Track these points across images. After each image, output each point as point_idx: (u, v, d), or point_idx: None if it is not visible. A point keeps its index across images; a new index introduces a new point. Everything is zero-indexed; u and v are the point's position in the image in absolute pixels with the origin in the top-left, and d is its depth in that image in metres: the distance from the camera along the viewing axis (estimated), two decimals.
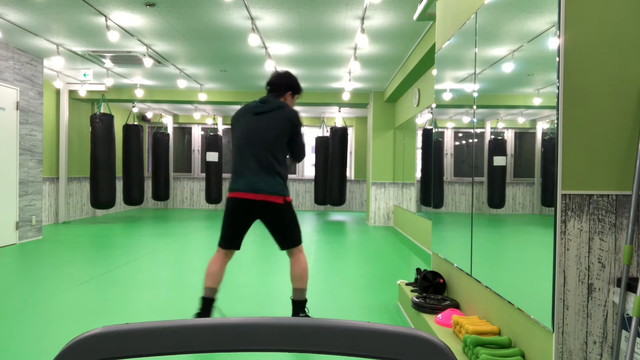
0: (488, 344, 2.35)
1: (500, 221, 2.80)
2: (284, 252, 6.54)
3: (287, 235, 3.20)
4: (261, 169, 3.11)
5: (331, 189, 11.33)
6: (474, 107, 2.96)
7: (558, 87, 1.91)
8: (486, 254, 2.75)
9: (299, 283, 3.22)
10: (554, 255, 1.93)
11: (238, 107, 11.72)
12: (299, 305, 3.25)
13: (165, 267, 5.39)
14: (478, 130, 2.99)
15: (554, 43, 1.96)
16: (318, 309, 3.83)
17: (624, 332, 1.86)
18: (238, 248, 3.22)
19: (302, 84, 9.50)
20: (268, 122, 3.18)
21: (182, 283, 4.67)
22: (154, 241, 7.31)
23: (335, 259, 6.06)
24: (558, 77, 1.91)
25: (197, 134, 13.63)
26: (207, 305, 3.13)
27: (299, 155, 3.30)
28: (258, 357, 2.70)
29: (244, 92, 10.40)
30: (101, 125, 9.33)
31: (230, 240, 3.20)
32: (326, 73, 8.43)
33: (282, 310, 3.81)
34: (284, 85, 3.34)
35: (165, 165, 12.41)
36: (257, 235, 8.38)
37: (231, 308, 3.86)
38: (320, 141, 11.77)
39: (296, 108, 11.91)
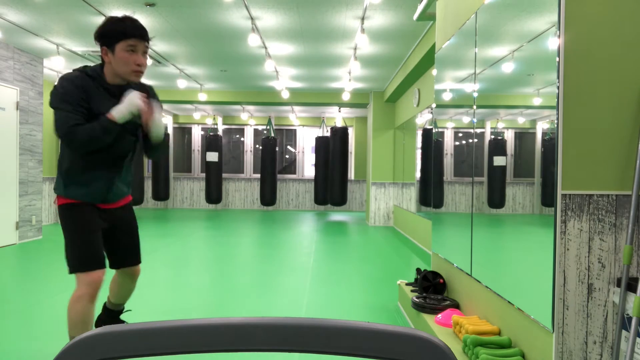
0: (488, 344, 2.35)
1: (500, 221, 2.80)
2: (283, 251, 6.56)
3: (65, 251, 2.24)
4: None
5: (332, 188, 11.33)
6: (474, 107, 2.96)
7: (558, 87, 1.91)
8: (486, 254, 2.75)
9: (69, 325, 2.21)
10: (554, 255, 1.93)
11: (238, 107, 11.73)
12: None
13: (165, 267, 5.39)
14: (478, 130, 2.99)
15: (554, 43, 1.96)
16: (318, 309, 3.83)
17: (624, 332, 1.86)
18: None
19: (302, 84, 9.50)
20: None
21: (182, 283, 4.67)
22: (153, 241, 7.31)
23: (335, 259, 6.06)
24: (558, 77, 1.91)
25: (197, 134, 13.62)
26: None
27: (59, 134, 2.11)
28: (258, 357, 2.70)
29: (244, 92, 10.40)
30: None
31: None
32: (326, 73, 8.43)
33: (282, 310, 3.81)
34: (95, 41, 2.24)
35: (165, 165, 12.41)
36: (257, 236, 8.39)
37: (231, 308, 3.86)
38: (320, 141, 11.77)
39: (296, 108, 11.92)
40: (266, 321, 0.50)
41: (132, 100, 2.15)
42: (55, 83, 2.17)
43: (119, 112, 2.13)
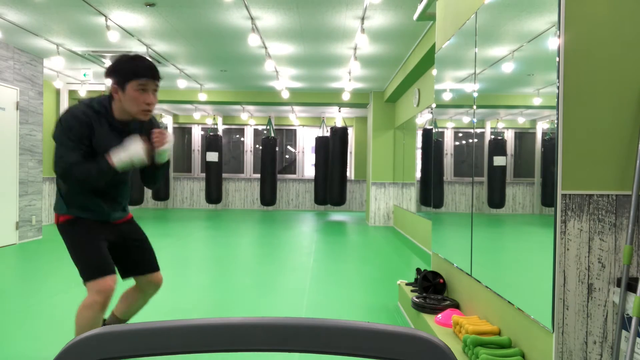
0: (488, 344, 2.35)
1: (500, 221, 2.80)
2: (283, 251, 6.55)
3: (75, 265, 2.26)
4: None
5: (332, 189, 11.33)
6: (474, 107, 2.96)
7: (558, 87, 1.91)
8: (486, 254, 2.75)
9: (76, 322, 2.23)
10: (554, 255, 1.93)
11: (238, 107, 11.73)
12: None
13: (165, 267, 5.38)
14: (478, 130, 2.99)
15: (554, 43, 1.96)
16: (318, 309, 3.83)
17: (624, 332, 1.86)
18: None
19: (302, 84, 9.50)
20: None
21: (182, 283, 4.67)
22: (153, 241, 7.28)
23: (335, 259, 6.06)
24: (558, 77, 1.91)
25: (197, 134, 13.62)
26: None
27: (56, 170, 2.14)
28: (258, 357, 2.70)
29: (244, 92, 10.40)
30: None
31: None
32: (326, 73, 8.43)
33: (282, 310, 3.81)
34: (106, 77, 2.25)
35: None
36: (257, 236, 8.39)
37: (231, 308, 3.86)
38: (320, 141, 11.77)
39: (296, 108, 11.92)
40: (266, 321, 0.50)
41: (135, 150, 2.14)
42: (61, 115, 2.18)
43: (119, 159, 2.12)
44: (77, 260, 2.23)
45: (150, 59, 2.21)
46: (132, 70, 2.14)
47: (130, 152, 2.13)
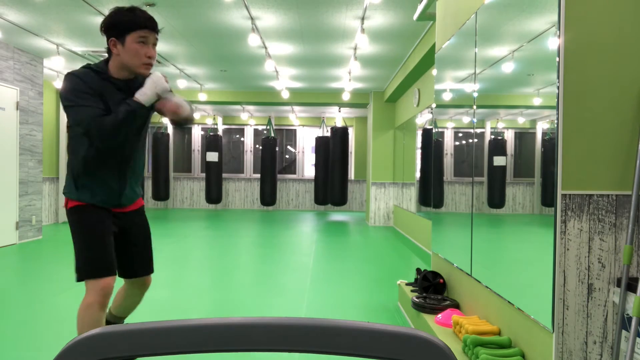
0: (488, 344, 2.35)
1: (500, 221, 2.80)
2: (283, 251, 6.55)
3: (77, 257, 2.14)
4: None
5: (332, 189, 11.33)
6: (474, 107, 2.96)
7: (558, 87, 1.91)
8: (486, 254, 2.75)
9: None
10: (554, 255, 1.93)
11: (238, 107, 11.73)
12: None
13: (165, 267, 5.39)
14: (478, 130, 2.99)
15: (554, 43, 1.96)
16: (318, 309, 3.83)
17: (624, 332, 1.86)
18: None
19: (302, 84, 9.50)
20: None
21: (182, 283, 4.67)
22: (153, 241, 7.29)
23: (335, 259, 6.06)
24: (558, 77, 1.91)
25: (197, 134, 13.62)
26: None
27: (82, 133, 2.05)
28: (258, 357, 2.70)
29: (244, 92, 10.40)
30: None
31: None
32: (326, 73, 8.43)
33: (282, 310, 3.81)
34: (102, 32, 2.16)
35: (165, 165, 12.41)
36: (257, 235, 8.39)
37: (231, 308, 3.86)
38: (320, 141, 11.77)
39: (296, 108, 11.92)
40: (266, 321, 0.50)
41: (157, 82, 2.07)
42: (62, 82, 2.08)
43: (144, 94, 2.04)
44: (80, 253, 2.11)
45: (146, 11, 2.14)
46: (133, 21, 2.06)
47: (152, 85, 2.06)
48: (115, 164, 2.19)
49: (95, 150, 2.11)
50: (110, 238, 2.18)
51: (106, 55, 2.20)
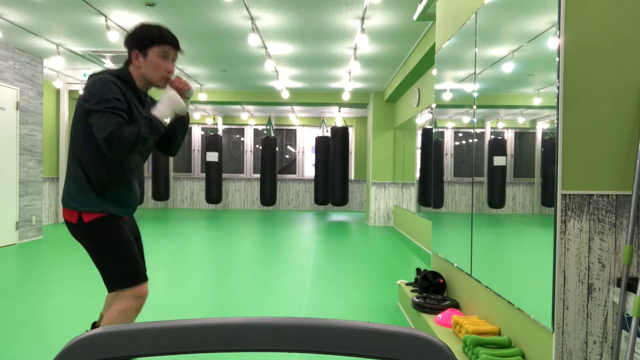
0: (488, 344, 2.35)
1: (500, 221, 2.80)
2: (283, 251, 6.55)
3: (100, 270, 2.11)
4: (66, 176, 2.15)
5: (333, 189, 11.33)
6: (474, 107, 2.96)
7: (558, 87, 1.91)
8: (486, 254, 2.75)
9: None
10: (554, 255, 1.93)
11: (238, 107, 11.74)
12: None
13: (165, 267, 5.39)
14: (478, 130, 2.99)
15: (554, 43, 1.96)
16: (318, 309, 3.83)
17: (624, 332, 1.86)
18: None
19: (302, 84, 9.50)
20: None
21: (182, 283, 4.67)
22: (154, 241, 7.30)
23: (335, 259, 6.06)
24: (558, 77, 1.91)
25: (197, 134, 13.63)
26: None
27: (102, 138, 1.93)
28: (258, 357, 2.70)
29: (244, 92, 10.40)
30: None
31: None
32: (326, 73, 8.43)
33: (282, 310, 3.81)
34: (126, 45, 2.16)
35: (165, 165, 12.41)
36: (257, 235, 8.39)
37: (231, 308, 3.86)
38: (320, 141, 11.77)
39: (296, 108, 11.92)
40: (266, 321, 0.50)
41: (174, 99, 2.09)
42: (88, 85, 2.01)
43: (161, 112, 2.04)
44: (112, 265, 2.07)
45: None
46: (157, 36, 2.10)
47: (169, 103, 2.08)
48: (136, 169, 2.22)
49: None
50: (135, 245, 2.19)
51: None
